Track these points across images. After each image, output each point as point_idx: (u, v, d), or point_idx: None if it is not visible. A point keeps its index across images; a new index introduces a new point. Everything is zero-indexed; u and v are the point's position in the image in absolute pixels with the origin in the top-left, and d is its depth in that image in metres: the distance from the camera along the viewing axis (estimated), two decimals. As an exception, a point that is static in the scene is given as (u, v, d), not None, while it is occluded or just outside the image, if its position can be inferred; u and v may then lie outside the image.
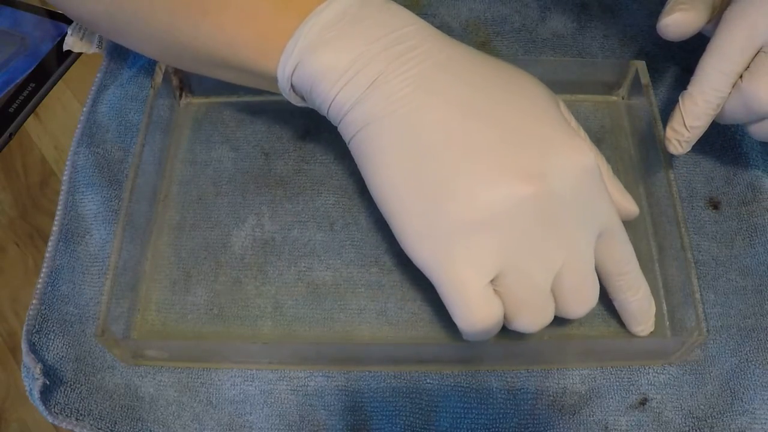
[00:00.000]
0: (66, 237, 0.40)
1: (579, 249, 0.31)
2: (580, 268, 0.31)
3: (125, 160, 0.43)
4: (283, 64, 0.32)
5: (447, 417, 0.35)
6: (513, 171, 0.29)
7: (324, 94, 0.32)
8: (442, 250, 0.30)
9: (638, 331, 0.35)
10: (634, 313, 0.35)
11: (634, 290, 0.34)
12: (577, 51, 0.46)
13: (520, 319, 0.31)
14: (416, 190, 0.30)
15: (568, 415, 0.34)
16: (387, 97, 0.30)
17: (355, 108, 0.31)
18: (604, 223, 0.31)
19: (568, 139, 0.30)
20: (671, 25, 0.34)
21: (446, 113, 0.30)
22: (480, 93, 0.31)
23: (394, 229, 0.32)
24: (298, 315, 0.37)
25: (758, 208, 0.39)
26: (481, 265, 0.29)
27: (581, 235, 0.31)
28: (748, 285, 0.37)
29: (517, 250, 0.29)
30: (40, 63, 0.49)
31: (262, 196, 0.41)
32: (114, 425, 0.35)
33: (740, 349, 0.36)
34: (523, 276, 0.30)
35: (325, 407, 0.35)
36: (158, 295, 0.38)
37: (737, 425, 0.34)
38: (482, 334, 0.31)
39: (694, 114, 0.34)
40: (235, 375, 0.36)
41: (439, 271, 0.30)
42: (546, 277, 0.30)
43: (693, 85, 0.34)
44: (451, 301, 0.30)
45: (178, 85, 0.44)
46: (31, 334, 0.36)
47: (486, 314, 0.30)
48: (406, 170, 0.30)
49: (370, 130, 0.31)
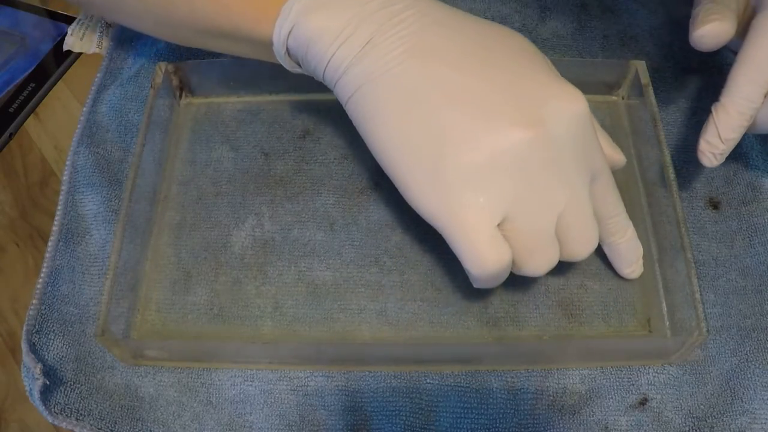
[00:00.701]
0: (66, 237, 0.40)
1: (579, 191, 0.31)
2: (581, 209, 0.32)
3: (125, 160, 0.43)
4: (279, 27, 0.33)
5: (447, 417, 0.35)
6: (512, 118, 0.30)
7: (319, 56, 0.32)
8: (448, 199, 0.30)
9: (628, 273, 0.37)
10: (624, 254, 0.36)
11: (623, 232, 0.35)
12: (577, 51, 0.46)
13: (528, 262, 0.32)
14: (417, 144, 0.31)
15: (568, 415, 0.34)
16: (381, 57, 0.31)
17: (351, 69, 0.32)
18: (596, 167, 0.32)
19: (563, 87, 0.31)
20: (706, 36, 0.34)
21: (441, 69, 0.31)
22: (473, 48, 0.32)
23: (398, 185, 0.32)
24: (298, 315, 0.37)
25: (758, 208, 0.39)
26: (487, 209, 0.30)
27: (579, 178, 0.31)
28: (748, 285, 0.37)
29: (521, 193, 0.30)
30: (40, 63, 0.49)
31: (262, 196, 0.41)
32: (114, 425, 0.35)
33: (740, 349, 0.36)
34: (528, 218, 0.31)
35: (325, 407, 0.35)
36: (158, 295, 0.38)
37: (737, 425, 0.34)
38: (492, 278, 0.32)
39: (729, 126, 0.34)
40: (235, 375, 0.36)
41: (447, 220, 0.31)
42: (550, 219, 0.31)
43: (725, 96, 0.34)
44: (460, 248, 0.31)
45: (178, 85, 0.44)
46: (31, 334, 0.36)
47: (496, 258, 0.30)
48: (405, 126, 0.31)
49: (366, 90, 0.31)
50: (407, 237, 0.39)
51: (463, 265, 0.31)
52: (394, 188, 0.40)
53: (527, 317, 0.37)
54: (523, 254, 0.31)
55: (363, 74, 0.31)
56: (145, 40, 0.48)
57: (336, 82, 0.33)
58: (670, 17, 0.47)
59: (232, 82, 0.44)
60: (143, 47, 0.48)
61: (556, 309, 0.37)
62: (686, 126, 0.43)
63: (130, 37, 0.48)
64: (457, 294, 0.37)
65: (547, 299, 0.37)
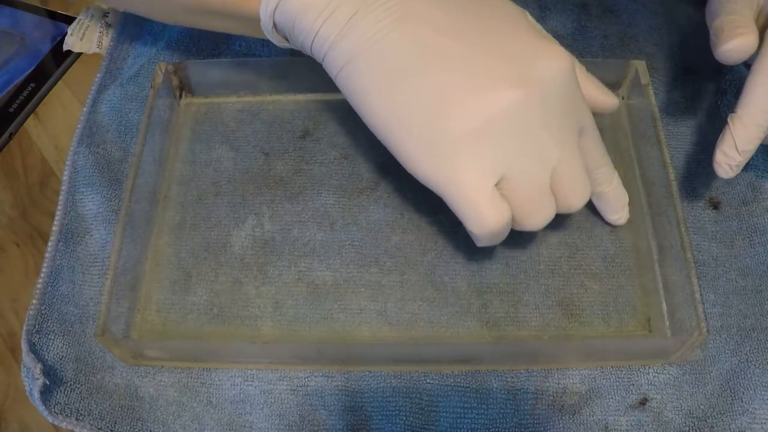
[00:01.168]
0: (66, 237, 0.40)
1: (570, 145, 0.32)
2: (573, 162, 0.33)
3: (125, 160, 0.43)
4: (265, 2, 0.33)
5: (447, 417, 0.35)
6: (502, 79, 0.31)
7: (306, 31, 0.32)
8: (446, 163, 0.31)
9: (615, 219, 0.38)
10: (611, 202, 0.38)
11: (609, 181, 0.37)
12: (577, 51, 0.46)
13: (527, 218, 0.33)
14: (410, 113, 0.31)
15: (568, 415, 0.34)
16: (366, 31, 0.31)
17: (338, 43, 0.32)
18: (583, 121, 0.33)
19: (547, 46, 0.32)
20: (735, 50, 0.34)
21: (427, 37, 0.31)
22: (456, 14, 0.32)
23: (396, 154, 0.32)
24: (298, 315, 0.37)
25: (758, 208, 0.39)
26: (484, 170, 0.31)
27: (569, 132, 0.32)
28: (748, 285, 0.37)
29: (516, 152, 0.31)
30: (40, 63, 0.49)
31: (262, 196, 0.41)
32: (114, 425, 0.35)
33: (740, 349, 0.36)
34: (525, 176, 0.32)
35: (325, 407, 0.35)
36: (158, 295, 0.38)
37: (737, 425, 0.34)
38: (494, 236, 0.32)
39: (746, 138, 0.34)
40: (235, 375, 0.36)
41: (446, 184, 0.31)
42: (545, 174, 0.32)
43: (742, 108, 0.34)
44: (461, 210, 0.32)
45: (178, 85, 0.44)
46: (31, 334, 0.36)
47: (496, 216, 0.31)
48: (396, 97, 0.31)
49: (354, 66, 0.32)
50: (407, 237, 0.39)
51: (465, 226, 0.32)
52: (394, 188, 0.41)
53: (527, 317, 0.37)
54: (522, 210, 0.32)
55: (351, 47, 0.32)
56: (145, 39, 0.48)
57: (324, 56, 0.33)
58: (670, 17, 0.47)
59: (232, 82, 0.44)
60: (143, 47, 0.48)
61: (556, 309, 0.37)
62: (686, 126, 0.43)
63: (130, 37, 0.48)
64: (457, 294, 0.37)
65: (547, 299, 0.37)
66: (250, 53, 0.47)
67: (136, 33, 0.48)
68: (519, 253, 0.38)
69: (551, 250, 0.39)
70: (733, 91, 0.43)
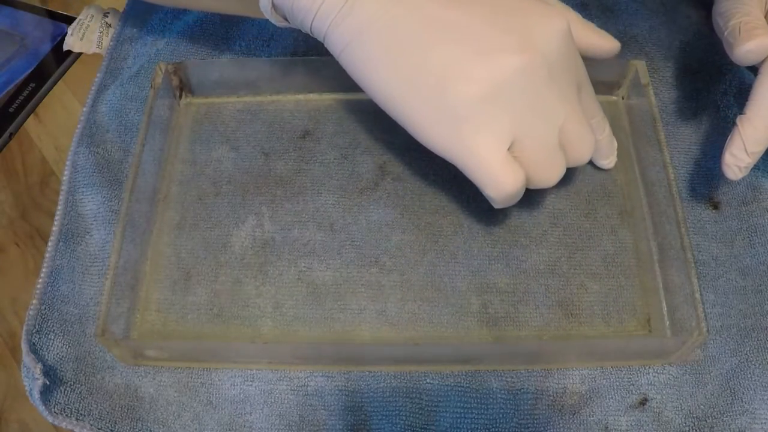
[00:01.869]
0: (66, 237, 0.40)
1: (573, 102, 0.33)
2: (577, 117, 0.34)
3: (125, 160, 0.43)
4: None
5: (447, 417, 0.35)
6: (505, 44, 0.31)
7: (305, 10, 0.32)
8: (457, 132, 0.32)
9: (605, 164, 0.40)
10: (603, 148, 0.40)
11: (602, 129, 0.38)
12: (577, 51, 0.46)
13: (541, 176, 0.34)
14: (419, 85, 0.32)
15: (568, 415, 0.34)
16: (369, 8, 0.31)
17: (340, 23, 0.32)
18: (581, 77, 0.35)
19: (544, 8, 0.33)
20: (754, 51, 0.34)
21: (426, 10, 0.31)
22: None
23: (406, 127, 0.33)
24: (298, 315, 0.37)
25: (758, 208, 0.39)
26: (496, 135, 0.32)
27: (571, 89, 0.34)
28: (748, 285, 0.37)
29: (525, 115, 0.32)
30: (40, 63, 0.49)
31: (262, 196, 0.41)
32: (114, 425, 0.35)
33: (740, 349, 0.36)
34: (535, 137, 0.32)
35: (325, 407, 0.35)
36: (158, 295, 0.38)
37: (737, 425, 0.34)
38: (510, 198, 0.33)
39: (755, 139, 0.34)
40: (235, 375, 0.36)
41: (460, 152, 0.32)
42: (554, 132, 0.33)
43: (750, 110, 0.34)
44: (478, 176, 0.32)
45: (178, 85, 0.44)
46: (31, 334, 0.36)
47: (513, 179, 0.32)
48: (404, 71, 0.32)
49: (358, 43, 0.32)
50: (407, 237, 0.39)
51: (481, 191, 0.33)
52: (395, 188, 0.41)
53: (527, 317, 0.37)
54: (535, 170, 0.33)
55: (354, 25, 0.32)
56: (145, 39, 0.48)
57: (325, 35, 0.33)
58: (670, 17, 0.47)
59: (232, 82, 0.44)
60: (143, 47, 0.48)
61: (556, 309, 0.37)
62: (686, 126, 0.43)
63: (130, 37, 0.48)
64: (457, 294, 0.37)
65: (547, 299, 0.37)
66: (250, 53, 0.47)
67: (136, 33, 0.48)
68: (519, 253, 0.38)
69: (551, 250, 0.39)
70: (733, 91, 0.43)
